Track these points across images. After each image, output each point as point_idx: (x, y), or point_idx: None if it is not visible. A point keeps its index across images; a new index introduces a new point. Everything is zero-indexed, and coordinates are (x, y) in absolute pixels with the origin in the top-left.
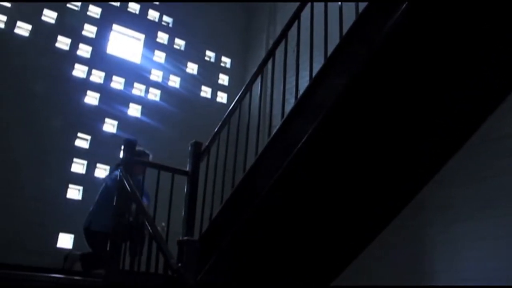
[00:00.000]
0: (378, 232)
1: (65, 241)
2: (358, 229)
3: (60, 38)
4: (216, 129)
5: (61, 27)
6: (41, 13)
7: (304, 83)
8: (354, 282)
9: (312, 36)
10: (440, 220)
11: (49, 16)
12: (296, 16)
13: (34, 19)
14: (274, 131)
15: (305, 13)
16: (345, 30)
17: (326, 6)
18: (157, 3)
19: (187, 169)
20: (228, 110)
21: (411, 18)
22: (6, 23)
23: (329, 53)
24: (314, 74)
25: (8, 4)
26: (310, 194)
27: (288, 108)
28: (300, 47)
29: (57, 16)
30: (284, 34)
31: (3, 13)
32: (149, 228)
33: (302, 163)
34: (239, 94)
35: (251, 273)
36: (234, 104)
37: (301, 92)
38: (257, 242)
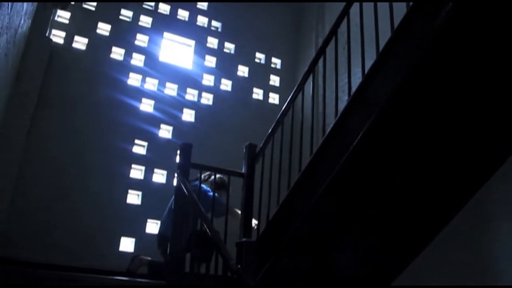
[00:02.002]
0: (439, 230)
1: (127, 244)
2: (418, 228)
3: (114, 49)
4: (269, 130)
5: (115, 39)
6: (96, 27)
7: (356, 79)
8: (415, 282)
9: (362, 32)
10: (504, 216)
11: (104, 28)
12: (345, 13)
13: (90, 32)
14: (328, 130)
15: (354, 10)
16: (396, 23)
17: (375, 1)
18: (205, 8)
19: (243, 171)
20: (281, 111)
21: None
22: (64, 38)
23: (380, 48)
24: (366, 70)
25: (65, 21)
26: (368, 192)
27: (342, 106)
28: (351, 44)
29: (111, 28)
30: (333, 32)
31: (62, 29)
32: (208, 231)
33: (358, 161)
34: (291, 94)
35: (311, 274)
36: (287, 105)
37: (354, 89)
38: (316, 243)
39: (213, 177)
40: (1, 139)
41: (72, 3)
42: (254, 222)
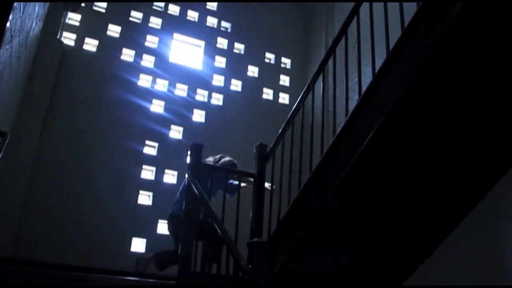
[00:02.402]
0: (450, 230)
1: (138, 245)
2: (430, 227)
3: (124, 50)
4: (280, 130)
5: (125, 40)
6: (106, 29)
7: (366, 79)
8: (427, 282)
9: (372, 30)
10: None
11: (114, 30)
12: (355, 12)
13: (100, 34)
14: (338, 129)
15: (364, 9)
16: (406, 22)
17: (385, 1)
18: (214, 8)
19: (253, 171)
20: (292, 111)
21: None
22: (75, 40)
23: (391, 47)
24: (376, 69)
25: (76, 23)
26: (379, 192)
27: (352, 105)
28: (361, 43)
29: (121, 29)
30: (343, 31)
31: (73, 31)
32: (219, 230)
33: (369, 161)
34: (302, 94)
35: (321, 274)
36: (297, 104)
37: (364, 88)
38: (326, 243)
39: (223, 159)
40: (13, 141)
41: (83, 5)
42: (267, 184)
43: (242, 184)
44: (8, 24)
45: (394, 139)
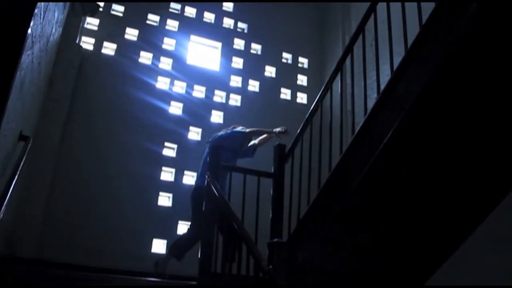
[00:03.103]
0: (474, 227)
1: (159, 246)
2: (452, 226)
3: (142, 53)
4: (298, 130)
5: (143, 43)
6: (124, 32)
7: (385, 77)
8: (450, 281)
9: (390, 28)
10: None
11: (132, 34)
12: (372, 10)
13: (118, 38)
14: (357, 128)
15: (381, 6)
16: (424, 19)
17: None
18: (230, 10)
19: (272, 171)
20: (310, 110)
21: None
22: (94, 45)
23: (409, 44)
24: (395, 67)
25: (94, 27)
26: (399, 190)
27: (370, 104)
28: (378, 41)
29: (139, 33)
30: (360, 29)
31: (91, 36)
32: (239, 231)
33: (388, 159)
34: (320, 93)
35: (342, 274)
36: (315, 104)
37: (382, 86)
38: (347, 243)
39: (239, 127)
40: (35, 144)
41: (101, 9)
42: (278, 129)
43: (262, 137)
44: (29, 31)
45: (413, 137)
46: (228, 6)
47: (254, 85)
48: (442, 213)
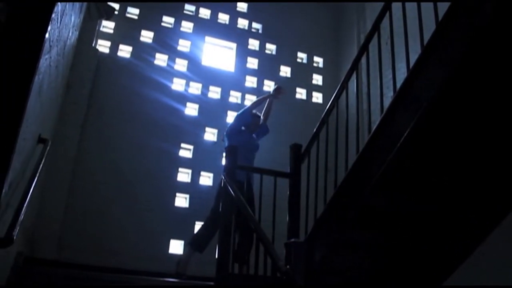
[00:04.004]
0: (492, 228)
1: (176, 247)
2: (470, 226)
3: (158, 55)
4: (314, 130)
5: (158, 45)
6: (139, 35)
7: (401, 75)
8: (468, 282)
9: (405, 25)
10: None
11: (147, 36)
12: (387, 7)
13: (133, 40)
14: (374, 127)
15: (396, 3)
16: (440, 15)
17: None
18: (244, 10)
19: (289, 171)
20: (326, 110)
21: None
22: (110, 47)
23: (425, 41)
24: (411, 65)
25: (110, 30)
26: (417, 189)
27: (387, 102)
28: (394, 39)
29: (154, 35)
30: (376, 27)
31: (107, 39)
32: (255, 231)
33: (406, 158)
34: (335, 93)
35: (360, 274)
36: (331, 103)
37: (399, 85)
38: (364, 243)
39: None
40: (54, 147)
41: (116, 12)
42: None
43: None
44: (47, 35)
45: (431, 135)
46: (242, 7)
47: (269, 85)
48: (459, 213)
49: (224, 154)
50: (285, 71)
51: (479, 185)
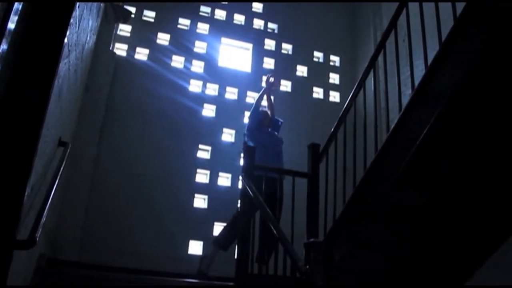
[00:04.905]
0: None
1: (196, 247)
2: (493, 224)
3: (174, 57)
4: (332, 129)
5: (174, 47)
6: (156, 37)
7: (418, 72)
8: (492, 281)
9: (423, 22)
10: None
11: (163, 38)
12: (404, 4)
13: (150, 43)
14: (392, 125)
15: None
16: (458, 10)
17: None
18: (260, 11)
19: (307, 171)
20: (343, 109)
21: None
22: (127, 50)
23: (443, 37)
24: (429, 62)
25: (127, 34)
26: (437, 188)
27: (405, 100)
28: (411, 36)
29: (170, 37)
30: (393, 24)
31: (124, 42)
32: (275, 231)
33: (425, 157)
34: (353, 91)
35: (380, 274)
36: (349, 102)
37: (416, 82)
38: (383, 242)
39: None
40: (74, 150)
41: (132, 16)
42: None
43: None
44: (65, 40)
45: (451, 133)
46: (258, 7)
47: (286, 85)
48: (481, 212)
49: (242, 155)
50: (301, 70)
51: (501, 183)
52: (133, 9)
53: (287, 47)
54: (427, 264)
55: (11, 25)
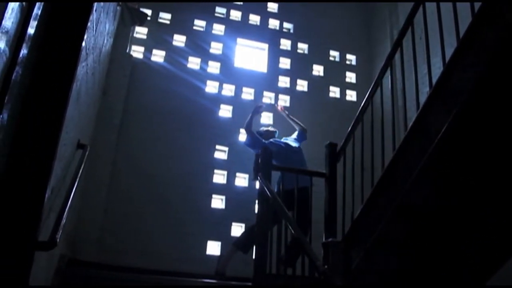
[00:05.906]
0: None
1: (214, 248)
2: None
3: (190, 59)
4: (349, 128)
5: (190, 49)
6: (172, 39)
7: (436, 70)
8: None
9: (440, 19)
10: None
11: (179, 40)
12: (420, 1)
13: (166, 45)
14: (410, 124)
15: None
16: (476, 6)
17: None
18: (275, 11)
19: (324, 171)
20: (360, 108)
21: None
22: (143, 53)
23: (461, 34)
24: (447, 59)
25: (143, 36)
26: (456, 187)
27: (423, 98)
28: (428, 33)
29: (186, 39)
30: (409, 22)
31: (141, 45)
32: (293, 231)
33: (444, 155)
34: (369, 90)
35: (399, 274)
36: (365, 101)
37: (434, 80)
38: (403, 242)
39: (265, 129)
40: (92, 152)
41: (148, 18)
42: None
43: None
44: (83, 43)
45: (470, 131)
46: (273, 7)
47: (302, 85)
48: (501, 210)
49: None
50: (317, 70)
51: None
52: (149, 12)
53: (303, 47)
54: (448, 263)
55: (31, 30)
